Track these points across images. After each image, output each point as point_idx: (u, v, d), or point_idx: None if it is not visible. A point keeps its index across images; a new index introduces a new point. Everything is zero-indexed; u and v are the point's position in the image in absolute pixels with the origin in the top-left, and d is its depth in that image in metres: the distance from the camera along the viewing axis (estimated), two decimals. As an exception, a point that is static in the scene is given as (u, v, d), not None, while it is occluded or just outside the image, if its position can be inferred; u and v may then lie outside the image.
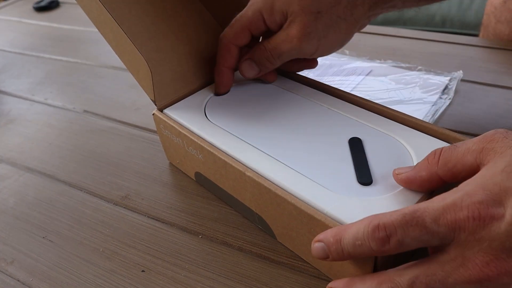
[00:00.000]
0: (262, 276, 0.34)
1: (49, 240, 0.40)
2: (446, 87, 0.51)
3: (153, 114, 0.42)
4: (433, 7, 0.94)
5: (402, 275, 0.24)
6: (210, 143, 0.37)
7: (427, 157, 0.28)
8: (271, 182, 0.32)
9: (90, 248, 0.38)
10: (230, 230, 0.38)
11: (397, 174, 0.30)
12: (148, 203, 0.42)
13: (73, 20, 0.88)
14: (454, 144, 0.27)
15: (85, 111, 0.58)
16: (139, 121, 0.54)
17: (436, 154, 0.27)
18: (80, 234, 0.40)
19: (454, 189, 0.24)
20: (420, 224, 0.23)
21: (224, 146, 0.36)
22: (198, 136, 0.38)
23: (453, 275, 0.23)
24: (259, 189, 0.33)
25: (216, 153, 0.35)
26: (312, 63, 0.43)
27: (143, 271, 0.36)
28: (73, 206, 0.43)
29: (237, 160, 0.35)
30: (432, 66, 0.57)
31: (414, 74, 0.54)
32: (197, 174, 0.42)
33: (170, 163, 0.46)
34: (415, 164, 0.32)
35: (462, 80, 0.54)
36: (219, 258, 0.36)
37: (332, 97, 0.41)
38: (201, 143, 0.37)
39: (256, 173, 0.33)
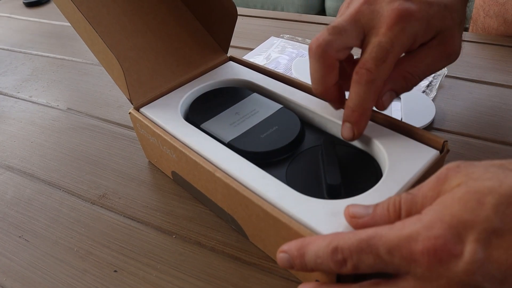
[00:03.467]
0: (232, 277, 0.33)
1: (25, 240, 0.40)
2: (429, 84, 0.51)
3: (129, 113, 0.42)
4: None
5: None
6: (183, 143, 0.37)
7: (388, 207, 0.25)
8: (240, 182, 0.32)
9: (65, 247, 0.38)
10: (204, 230, 0.38)
11: (351, 217, 0.27)
12: (125, 202, 0.42)
13: (62, 16, 0.87)
14: (411, 192, 0.25)
15: (68, 108, 0.58)
16: (121, 118, 0.54)
17: (396, 205, 0.25)
18: (55, 234, 0.40)
19: (416, 216, 0.23)
20: (374, 253, 0.23)
21: (197, 146, 0.36)
22: (171, 135, 0.38)
23: None
24: (228, 190, 0.33)
25: (188, 153, 0.35)
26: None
27: (115, 271, 0.35)
28: (51, 205, 0.43)
29: (208, 160, 0.34)
30: (417, 62, 0.56)
31: (398, 70, 0.54)
32: (174, 173, 0.41)
33: (149, 161, 0.46)
34: (387, 168, 0.31)
35: (447, 76, 0.53)
36: (191, 258, 0.36)
37: (309, 95, 0.40)
38: (173, 143, 0.36)
39: (226, 173, 0.33)
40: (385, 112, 0.35)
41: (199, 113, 0.41)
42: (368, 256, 0.23)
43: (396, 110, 0.47)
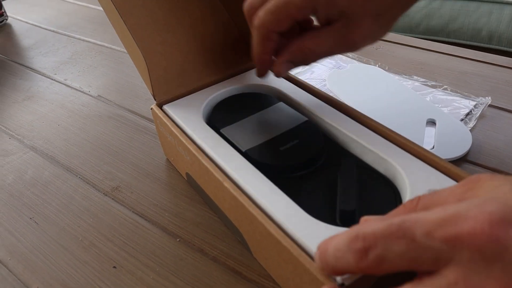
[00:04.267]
0: (229, 292, 0.32)
1: (35, 222, 0.40)
2: (469, 112, 0.47)
3: (151, 109, 0.41)
4: (481, 21, 0.88)
5: None
6: (199, 146, 0.36)
7: (405, 204, 0.23)
8: (249, 196, 0.31)
9: (71, 236, 0.38)
10: (209, 237, 0.37)
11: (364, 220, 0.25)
12: (136, 197, 0.41)
13: (109, 3, 0.89)
14: (435, 190, 0.23)
15: (99, 95, 0.58)
16: (147, 112, 0.54)
17: (414, 200, 0.23)
18: (64, 220, 0.40)
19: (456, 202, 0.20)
20: (408, 236, 0.18)
21: (213, 152, 0.35)
22: (188, 137, 0.37)
23: None
24: (235, 202, 0.31)
25: (200, 158, 0.34)
26: None
27: (114, 267, 0.35)
28: (65, 190, 0.43)
29: (220, 167, 0.33)
30: (460, 87, 0.53)
31: (437, 93, 0.51)
32: (188, 175, 0.41)
33: (167, 159, 0.45)
34: (407, 199, 0.29)
35: (491, 105, 0.50)
36: (191, 265, 0.35)
37: (337, 112, 0.38)
38: (188, 145, 0.36)
39: (236, 184, 0.32)
40: (417, 135, 0.33)
41: (221, 117, 0.40)
42: (399, 241, 0.18)
43: (429, 136, 0.44)
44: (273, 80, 0.43)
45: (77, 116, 0.54)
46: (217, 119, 0.39)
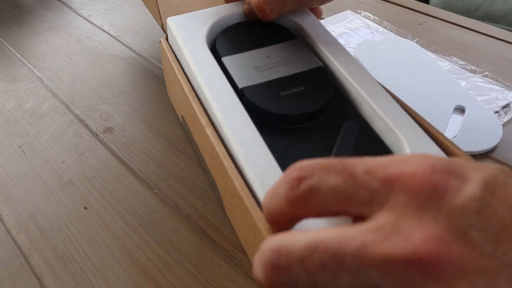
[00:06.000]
0: (194, 255, 0.30)
1: (23, 151, 0.39)
2: (507, 105, 0.42)
3: (159, 42, 0.38)
4: (551, 12, 0.78)
5: (300, 238, 0.17)
6: (196, 84, 0.31)
7: None
8: (229, 146, 0.27)
9: (52, 170, 0.37)
10: (188, 194, 0.34)
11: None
12: (126, 142, 0.40)
13: None
14: None
15: (118, 35, 0.56)
16: (160, 57, 0.51)
17: None
18: (51, 153, 0.39)
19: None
20: (347, 171, 0.17)
21: (204, 82, 0.30)
22: (183, 73, 0.33)
23: (375, 247, 0.15)
24: (212, 151, 0.28)
25: (191, 99, 0.31)
26: (316, 13, 0.39)
27: (85, 208, 0.34)
28: (59, 125, 0.42)
29: (209, 110, 0.29)
30: (504, 76, 0.46)
31: (475, 79, 0.45)
32: (182, 118, 0.38)
33: (167, 108, 0.43)
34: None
35: (536, 101, 0.43)
36: (161, 220, 0.32)
37: (360, 65, 0.33)
38: (183, 84, 0.32)
39: (219, 132, 0.28)
40: (440, 121, 0.28)
41: (227, 43, 0.35)
42: (336, 175, 0.17)
43: (454, 123, 0.39)
44: (297, 13, 0.37)
45: (90, 52, 0.53)
46: (222, 45, 0.35)
